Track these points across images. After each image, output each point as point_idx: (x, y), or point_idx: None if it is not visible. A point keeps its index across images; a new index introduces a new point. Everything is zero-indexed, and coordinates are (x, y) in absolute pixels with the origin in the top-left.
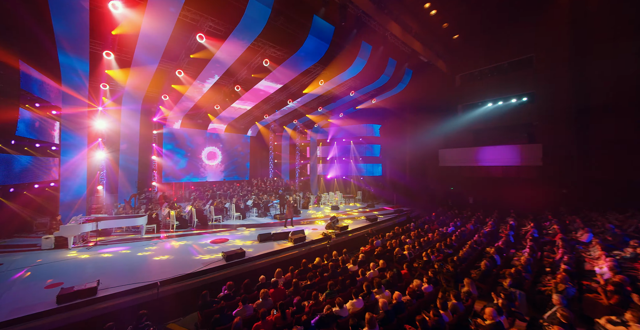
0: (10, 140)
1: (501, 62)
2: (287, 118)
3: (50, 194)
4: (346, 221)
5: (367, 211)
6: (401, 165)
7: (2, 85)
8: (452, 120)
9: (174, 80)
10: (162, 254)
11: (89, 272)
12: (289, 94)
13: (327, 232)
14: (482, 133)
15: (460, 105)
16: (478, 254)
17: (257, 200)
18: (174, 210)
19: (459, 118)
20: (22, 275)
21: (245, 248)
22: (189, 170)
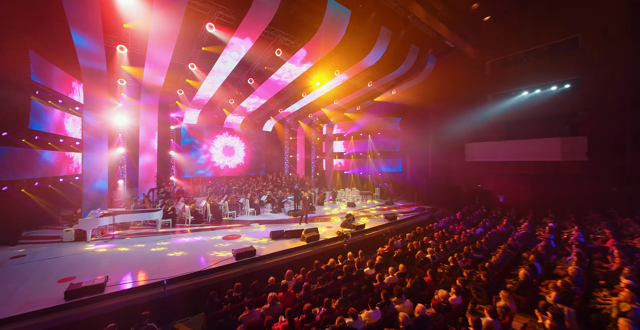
0: (34, 136)
1: (540, 45)
2: (302, 112)
3: (74, 187)
4: (362, 219)
5: (386, 209)
6: (423, 160)
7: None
8: (481, 111)
9: (188, 75)
10: (174, 250)
11: (102, 267)
12: (303, 87)
13: (342, 230)
14: (515, 125)
15: (491, 94)
16: (513, 260)
17: (271, 196)
18: (189, 205)
19: (489, 109)
20: (40, 267)
21: (257, 245)
22: (206, 165)
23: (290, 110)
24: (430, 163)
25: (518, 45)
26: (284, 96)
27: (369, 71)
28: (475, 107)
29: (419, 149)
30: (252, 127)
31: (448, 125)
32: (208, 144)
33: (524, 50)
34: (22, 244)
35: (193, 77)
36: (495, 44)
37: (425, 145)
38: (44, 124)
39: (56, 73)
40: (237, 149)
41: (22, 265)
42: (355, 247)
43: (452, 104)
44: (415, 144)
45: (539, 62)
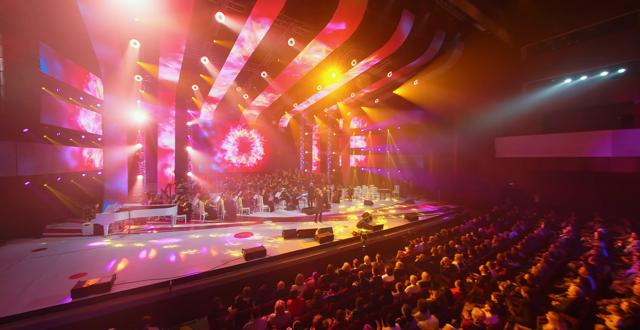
0: (56, 132)
1: (587, 26)
2: (317, 107)
3: (96, 182)
4: (381, 219)
5: (406, 208)
6: (447, 156)
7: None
8: (514, 102)
9: (202, 70)
10: (185, 248)
11: (113, 263)
12: (319, 79)
13: (359, 231)
14: (555, 117)
15: (526, 83)
16: (556, 271)
17: (286, 193)
18: (203, 201)
19: (524, 100)
20: (56, 261)
21: (269, 245)
22: (222, 160)
23: (305, 104)
24: (455, 159)
25: (560, 27)
26: (298, 90)
27: (389, 60)
28: (507, 98)
29: (443, 144)
30: (267, 123)
31: (476, 118)
32: (224, 140)
33: (566, 32)
34: (46, 236)
35: (207, 73)
36: (533, 27)
37: (450, 140)
38: (58, 119)
39: (73, 69)
40: (253, 145)
41: (41, 258)
42: (372, 250)
43: (482, 95)
44: (439, 138)
45: (585, 45)
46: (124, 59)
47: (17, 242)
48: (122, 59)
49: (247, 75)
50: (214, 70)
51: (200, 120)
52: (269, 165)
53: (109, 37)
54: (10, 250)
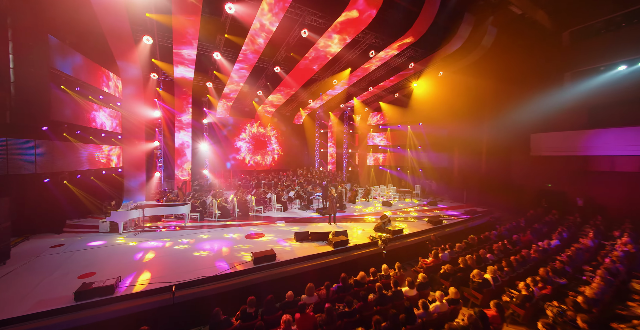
0: (75, 131)
1: None
2: (333, 103)
3: (116, 180)
4: (400, 222)
5: (428, 210)
6: (475, 153)
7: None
8: (554, 94)
9: (216, 67)
10: (195, 248)
11: (123, 263)
12: (334, 73)
13: (376, 235)
14: (603, 110)
15: (569, 72)
16: (615, 292)
17: (300, 192)
18: (217, 199)
19: (566, 91)
20: (70, 259)
21: (281, 247)
22: (237, 158)
23: (320, 101)
24: (484, 157)
25: (611, 6)
26: (313, 85)
27: (411, 50)
28: (546, 89)
29: (469, 140)
30: (282, 120)
31: (509, 112)
32: (239, 137)
33: (620, 11)
34: (66, 232)
35: (220, 70)
36: (578, 8)
37: (478, 136)
38: (77, 117)
39: (91, 67)
40: (268, 143)
41: (56, 255)
42: (391, 257)
43: (516, 86)
44: (466, 134)
45: None
46: (138, 56)
47: (39, 237)
48: (137, 56)
49: (261, 70)
50: (227, 65)
51: (216, 118)
52: (284, 163)
53: (123, 33)
54: (31, 245)
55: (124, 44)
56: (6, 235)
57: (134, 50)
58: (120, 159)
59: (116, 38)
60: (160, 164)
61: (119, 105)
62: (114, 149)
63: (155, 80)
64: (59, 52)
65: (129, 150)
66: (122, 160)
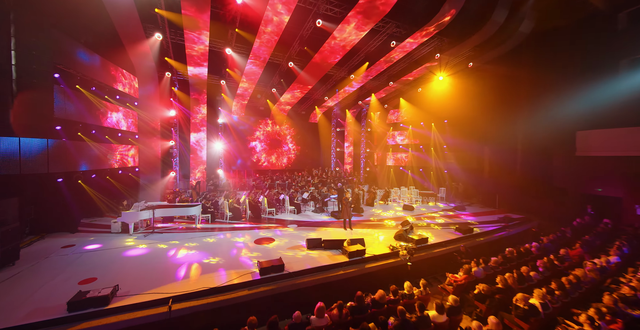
0: (91, 130)
1: None
2: (350, 100)
3: (133, 179)
4: (423, 230)
5: (454, 216)
6: (509, 153)
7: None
8: (606, 85)
9: (228, 64)
10: (200, 254)
11: (126, 268)
12: (351, 68)
13: (397, 245)
14: None
15: (626, 60)
16: None
17: (314, 193)
18: (228, 200)
19: (621, 81)
20: (76, 261)
21: (290, 255)
22: (251, 158)
23: (336, 98)
24: (519, 157)
25: None
26: (329, 81)
27: (437, 39)
28: (597, 79)
29: (503, 138)
30: (297, 119)
31: (550, 106)
32: (254, 137)
33: None
34: (81, 231)
35: (233, 67)
36: None
37: (512, 134)
38: (92, 117)
39: (107, 67)
40: (283, 142)
41: (64, 257)
42: (414, 271)
43: (560, 77)
44: (498, 132)
45: None
46: (152, 54)
47: (54, 236)
48: (150, 55)
49: (274, 67)
50: (240, 60)
51: (230, 117)
52: (299, 163)
53: (135, 31)
54: (44, 244)
55: (137, 42)
56: (15, 236)
57: (146, 48)
58: (136, 158)
59: (129, 37)
60: (176, 163)
61: (136, 105)
62: (130, 148)
63: (171, 80)
64: (72, 51)
65: (144, 150)
66: (138, 159)
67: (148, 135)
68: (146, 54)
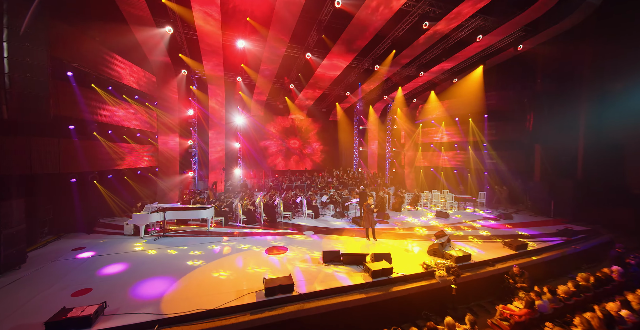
0: (107, 130)
1: None
2: (374, 94)
3: (152, 179)
4: (461, 243)
5: (500, 226)
6: (567, 151)
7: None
8: None
9: (243, 60)
10: (204, 265)
11: (124, 278)
12: (375, 57)
13: (432, 262)
14: None
15: None
16: None
17: (335, 196)
18: (242, 202)
19: None
20: (79, 267)
21: (304, 268)
22: (271, 157)
23: (359, 93)
24: (581, 156)
25: None
26: (351, 74)
27: (479, 18)
28: None
29: (559, 134)
30: (317, 117)
31: (623, 93)
32: (272, 136)
33: None
34: (97, 232)
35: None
36: None
37: (572, 128)
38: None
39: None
40: (302, 141)
41: (70, 261)
42: (455, 301)
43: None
44: (554, 126)
45: None
46: (169, 53)
47: (70, 237)
48: (167, 53)
49: (292, 61)
50: (256, 55)
51: (249, 116)
52: (319, 163)
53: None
54: (57, 246)
55: (151, 39)
56: (20, 238)
57: (161, 45)
58: (155, 158)
59: (142, 32)
60: (195, 163)
61: (155, 105)
62: (148, 148)
63: (189, 78)
64: (87, 49)
65: (163, 150)
66: (156, 160)
67: (167, 135)
68: (162, 52)
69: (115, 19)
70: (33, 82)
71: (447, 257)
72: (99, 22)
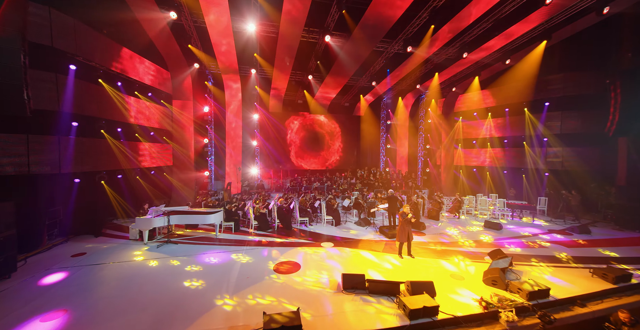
0: (116, 128)
1: None
2: (405, 85)
3: (166, 179)
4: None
5: (574, 243)
6: None
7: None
8: None
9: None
10: (198, 284)
11: (104, 298)
12: (408, 37)
13: (493, 299)
14: None
15: None
16: None
17: (359, 200)
18: (255, 206)
19: None
20: (64, 280)
21: (315, 294)
22: (289, 156)
23: (387, 82)
24: None
25: None
26: (379, 59)
27: None
28: None
29: None
30: (339, 112)
31: None
32: (291, 133)
33: None
34: (105, 235)
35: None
36: None
37: None
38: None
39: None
40: (323, 139)
41: (62, 270)
42: None
43: None
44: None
45: None
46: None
47: (77, 240)
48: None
49: (310, 47)
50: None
51: (266, 113)
52: (342, 162)
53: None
54: (60, 250)
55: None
56: (9, 245)
57: (170, 36)
58: (170, 158)
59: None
60: (211, 162)
61: (169, 100)
62: (163, 147)
63: (204, 74)
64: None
65: (178, 149)
66: (171, 159)
67: (182, 133)
68: (170, 42)
69: (119, 8)
70: (3, 70)
71: (512, 289)
72: (104, 12)
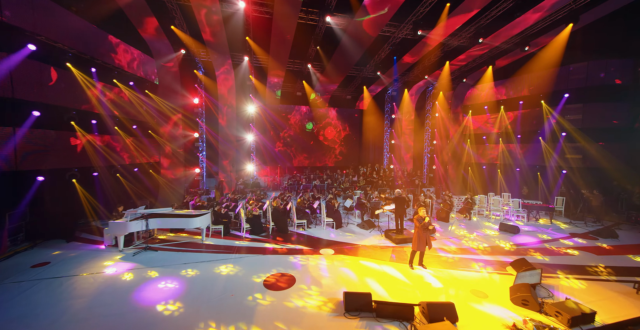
0: (91, 120)
1: None
2: (411, 74)
3: (152, 177)
4: (548, 278)
5: (599, 249)
6: None
7: None
8: None
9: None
10: (179, 316)
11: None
12: (418, 19)
13: (529, 328)
14: None
15: None
16: None
17: (362, 200)
18: (247, 206)
19: None
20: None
21: (317, 323)
22: (288, 152)
23: (393, 73)
24: None
25: None
26: (384, 46)
27: None
28: None
29: None
30: (341, 105)
31: None
32: (290, 127)
33: None
34: (78, 240)
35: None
36: None
37: None
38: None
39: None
40: (323, 133)
41: (16, 285)
42: None
43: None
44: None
45: None
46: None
47: (45, 246)
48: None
49: (309, 29)
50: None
51: (263, 106)
52: (343, 158)
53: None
54: (22, 258)
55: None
56: None
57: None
58: (156, 153)
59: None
60: (202, 158)
61: (155, 91)
62: (147, 142)
63: (193, 62)
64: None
65: (165, 144)
66: (157, 155)
67: (169, 126)
68: (156, 28)
69: None
70: None
71: (549, 312)
72: None
